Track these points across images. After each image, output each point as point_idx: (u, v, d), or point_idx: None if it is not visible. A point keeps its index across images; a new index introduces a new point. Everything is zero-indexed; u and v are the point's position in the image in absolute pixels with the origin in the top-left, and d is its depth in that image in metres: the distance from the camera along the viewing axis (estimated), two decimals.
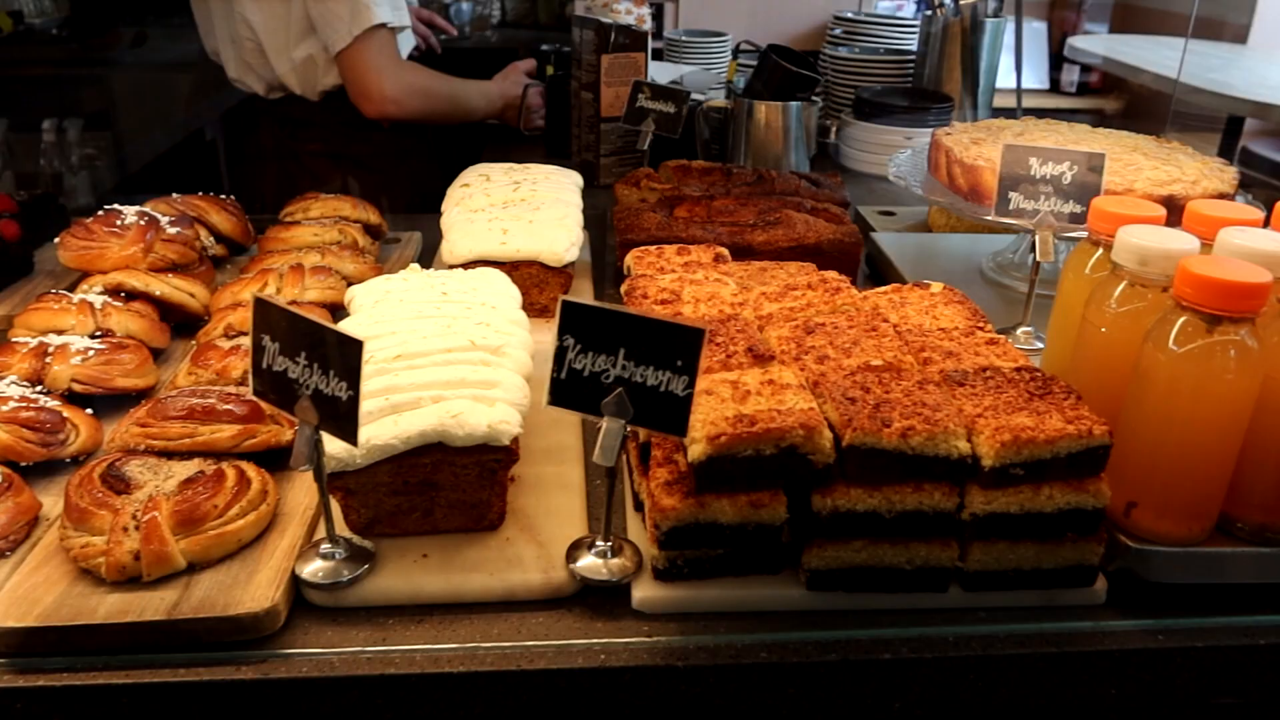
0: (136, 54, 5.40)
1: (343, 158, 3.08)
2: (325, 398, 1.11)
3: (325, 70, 2.86)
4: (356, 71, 2.73)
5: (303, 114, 3.00)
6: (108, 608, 1.15)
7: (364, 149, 3.06)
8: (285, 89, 2.95)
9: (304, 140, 3.06)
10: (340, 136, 3.02)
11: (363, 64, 2.71)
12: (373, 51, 2.70)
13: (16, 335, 1.60)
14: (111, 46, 5.37)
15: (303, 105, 2.97)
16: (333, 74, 2.85)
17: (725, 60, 3.74)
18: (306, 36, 2.80)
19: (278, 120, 3.08)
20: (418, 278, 1.57)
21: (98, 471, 1.27)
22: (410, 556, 1.26)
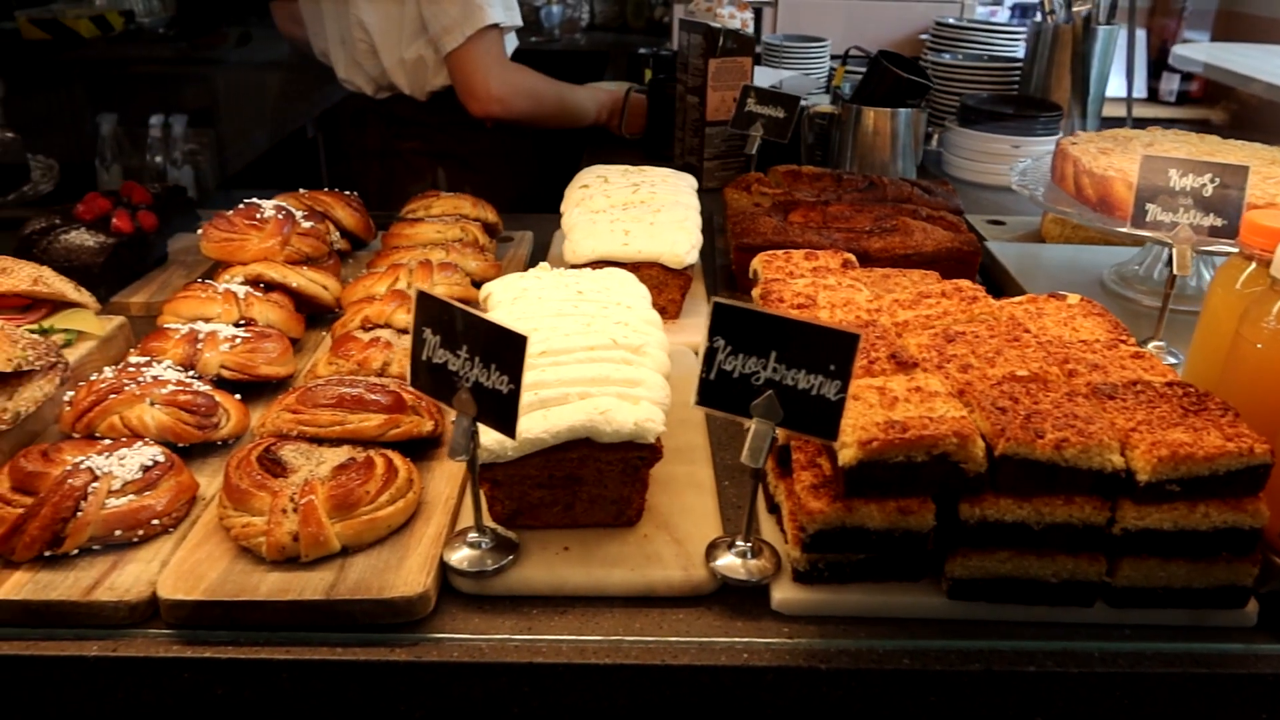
0: (241, 53, 5.57)
1: (445, 157, 3.14)
2: (485, 390, 1.14)
3: (435, 71, 2.93)
4: (465, 71, 2.78)
5: (409, 113, 3.07)
6: (269, 585, 1.20)
7: (466, 149, 3.12)
8: (394, 89, 3.02)
9: (408, 139, 3.13)
10: (444, 136, 3.09)
11: (471, 64, 2.76)
12: (482, 52, 2.75)
13: (166, 322, 1.67)
14: (218, 45, 5.55)
15: (409, 105, 3.04)
16: (442, 75, 2.92)
17: (824, 65, 3.73)
18: (418, 37, 2.86)
19: (383, 119, 3.15)
20: (550, 276, 1.60)
21: (255, 454, 1.33)
22: (552, 549, 1.28)
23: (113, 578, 1.22)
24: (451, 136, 3.07)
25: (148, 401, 1.42)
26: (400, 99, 3.03)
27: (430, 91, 2.98)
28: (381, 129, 3.19)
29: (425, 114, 3.04)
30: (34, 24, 5.42)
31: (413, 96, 3.00)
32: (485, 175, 3.12)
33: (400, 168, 3.19)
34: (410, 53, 2.89)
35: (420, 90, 2.98)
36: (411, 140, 3.12)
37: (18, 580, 1.21)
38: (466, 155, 3.12)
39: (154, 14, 6.09)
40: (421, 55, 2.89)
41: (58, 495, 1.24)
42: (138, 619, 1.19)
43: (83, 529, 1.23)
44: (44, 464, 1.29)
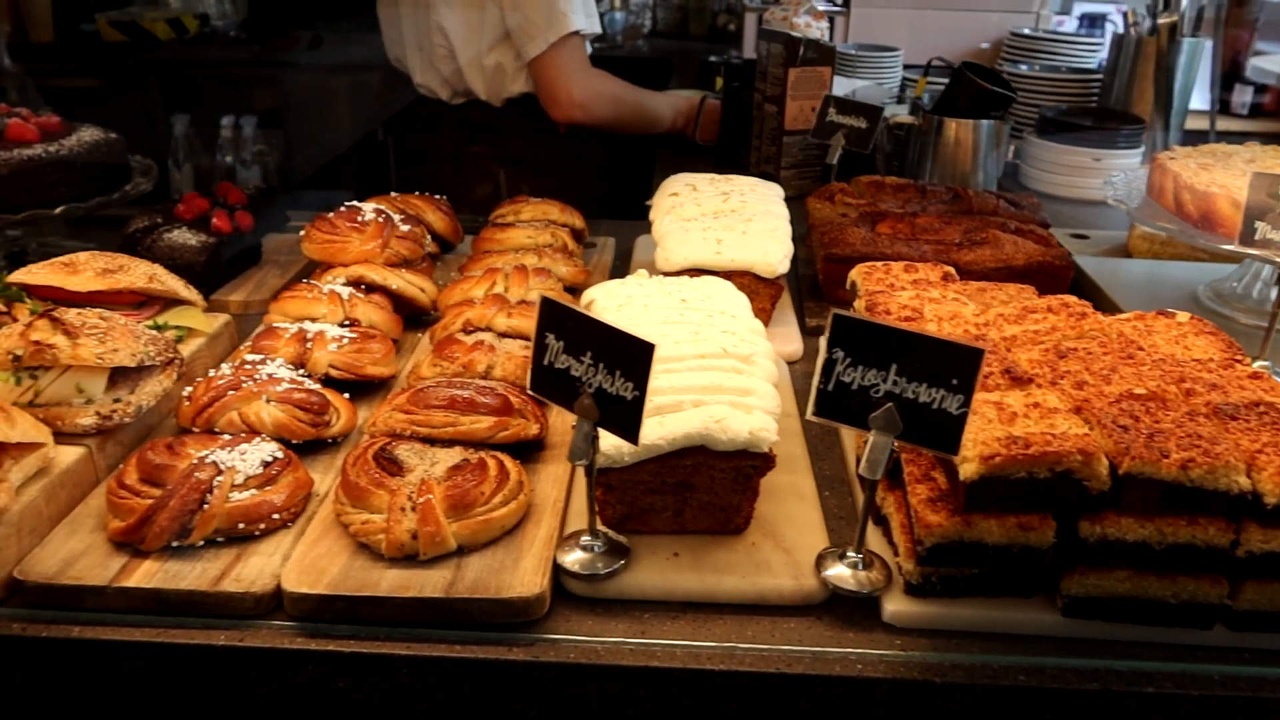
0: (312, 56, 5.68)
1: (516, 161, 3.16)
2: (608, 396, 1.16)
3: (513, 78, 2.96)
4: (549, 78, 2.81)
5: (482, 119, 3.10)
6: (389, 582, 1.22)
7: (538, 154, 3.14)
8: (469, 94, 3.06)
9: (481, 144, 3.16)
10: (517, 141, 3.12)
11: (555, 70, 2.79)
12: (565, 58, 2.78)
13: (273, 321, 1.71)
14: (290, 48, 5.65)
15: (484, 110, 3.07)
16: (519, 82, 2.95)
17: (896, 75, 3.71)
18: (499, 44, 2.90)
19: (457, 123, 3.19)
20: (651, 284, 1.61)
21: (371, 453, 1.36)
22: (662, 554, 1.30)
23: (237, 569, 1.25)
24: (524, 141, 3.11)
25: (264, 399, 1.45)
26: (475, 104, 3.07)
27: (506, 98, 3.01)
28: (454, 133, 3.23)
29: (499, 119, 3.07)
30: (113, 26, 5.57)
31: (488, 102, 3.04)
32: (555, 180, 3.14)
33: (471, 171, 3.22)
34: (490, 59, 2.93)
35: (496, 96, 3.01)
36: (488, 145, 3.15)
37: (148, 569, 1.25)
38: (539, 160, 3.15)
39: (226, 17, 6.23)
40: (500, 62, 2.93)
41: (185, 488, 1.27)
42: (262, 611, 1.23)
43: (209, 521, 1.27)
44: (170, 457, 1.33)
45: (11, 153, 2.10)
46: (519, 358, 1.60)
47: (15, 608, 1.24)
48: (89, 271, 1.66)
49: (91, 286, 1.65)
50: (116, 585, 1.22)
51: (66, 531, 1.32)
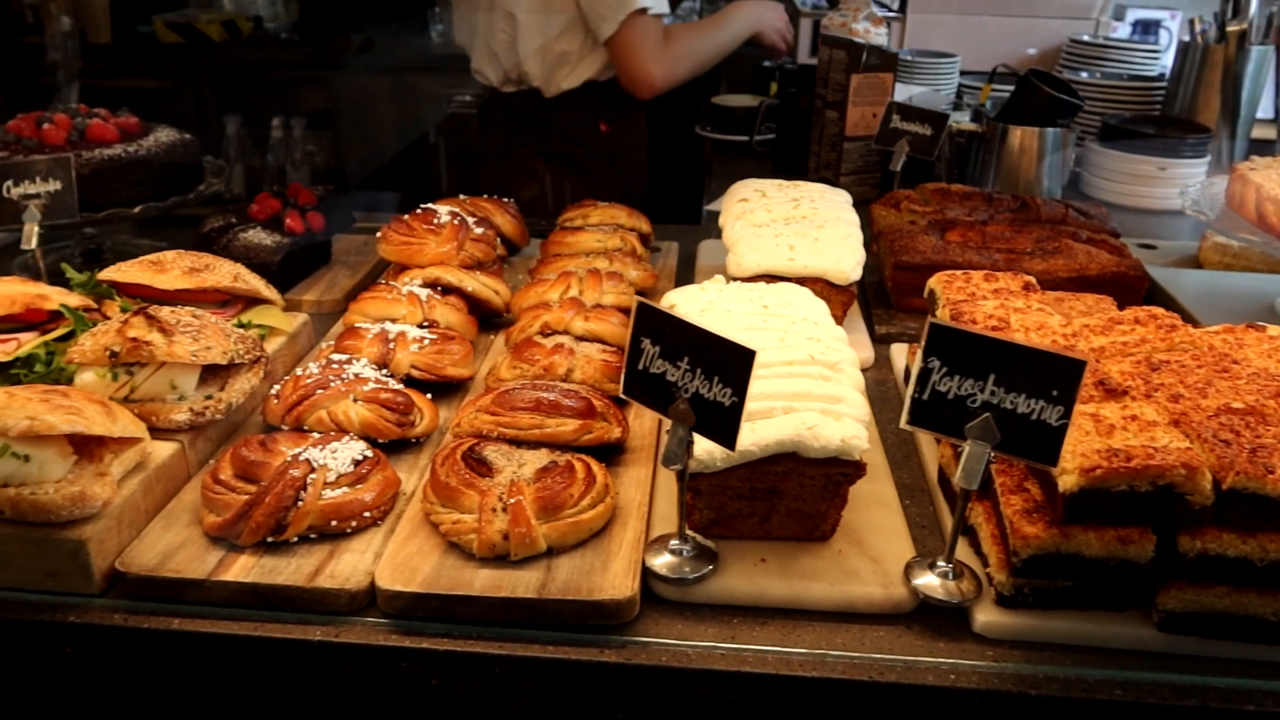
0: (363, 58, 5.74)
1: (558, 157, 3.19)
2: (705, 402, 1.16)
3: (573, 69, 3.00)
4: (624, 57, 2.87)
5: (530, 109, 3.12)
6: (481, 581, 1.24)
7: (578, 150, 3.17)
8: (522, 82, 3.07)
9: (526, 145, 3.18)
10: (560, 138, 3.15)
11: (629, 49, 2.85)
12: (638, 37, 2.84)
13: (354, 321, 1.74)
14: (342, 51, 5.72)
15: (533, 101, 3.10)
16: (574, 76, 3.00)
17: (953, 81, 3.69)
18: (567, 31, 2.95)
19: (505, 113, 3.20)
20: (730, 289, 1.62)
21: (459, 453, 1.37)
22: (749, 560, 1.30)
23: (331, 566, 1.27)
24: (567, 137, 3.14)
25: (351, 398, 1.47)
26: (525, 94, 3.09)
27: (559, 90, 3.03)
28: (501, 128, 3.24)
29: (545, 111, 3.10)
30: (169, 27, 5.66)
31: (540, 91, 3.05)
32: (595, 178, 3.19)
33: (518, 169, 3.25)
34: (558, 46, 2.97)
35: (551, 86, 3.03)
36: (527, 142, 3.18)
37: (244, 564, 1.27)
38: (577, 157, 3.18)
39: (278, 19, 6.32)
40: (566, 50, 2.96)
41: (280, 485, 1.30)
42: (356, 607, 1.24)
43: (303, 518, 1.29)
44: (264, 454, 1.36)
45: (93, 153, 2.15)
46: (598, 361, 1.61)
47: (115, 598, 1.27)
48: (176, 270, 1.69)
49: (178, 285, 1.68)
50: (215, 579, 1.24)
51: (163, 525, 1.35)
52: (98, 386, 1.44)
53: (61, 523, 1.24)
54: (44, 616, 1.25)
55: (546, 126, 3.12)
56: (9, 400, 1.25)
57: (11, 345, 1.57)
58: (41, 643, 1.26)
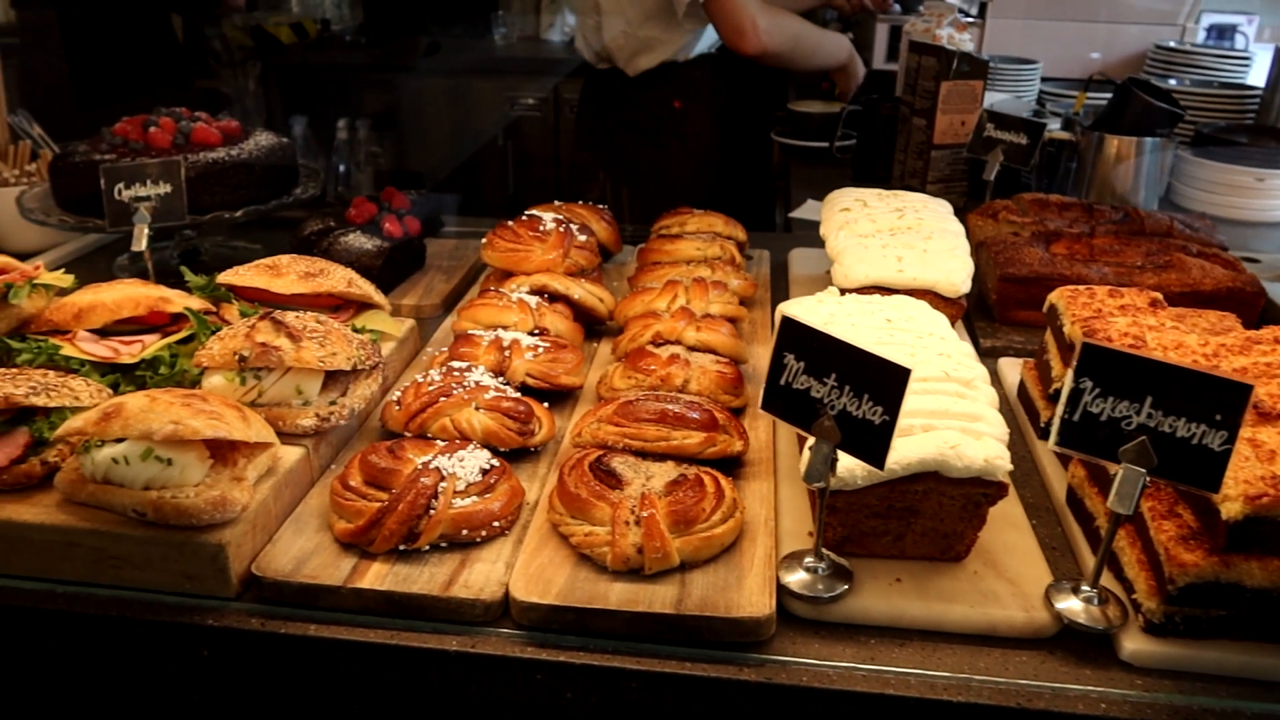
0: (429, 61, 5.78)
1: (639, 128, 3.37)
2: (852, 419, 1.15)
3: (653, 50, 3.18)
4: (725, 12, 2.91)
5: (617, 84, 3.34)
6: (617, 595, 1.23)
7: (655, 124, 3.35)
8: (609, 62, 3.30)
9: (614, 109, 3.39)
10: (641, 111, 3.34)
11: (727, 6, 2.89)
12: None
13: (464, 328, 1.74)
14: (409, 53, 5.77)
15: (619, 77, 3.31)
16: (653, 57, 3.18)
17: (1033, 87, 3.63)
18: (647, 20, 3.09)
19: (598, 86, 3.44)
20: (848, 302, 1.60)
21: (587, 464, 1.36)
22: (883, 579, 1.28)
23: (464, 576, 1.27)
24: (646, 112, 3.33)
25: (473, 406, 1.48)
26: (613, 71, 3.31)
27: (639, 70, 3.23)
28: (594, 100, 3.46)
29: (629, 87, 3.30)
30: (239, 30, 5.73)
31: (623, 70, 3.26)
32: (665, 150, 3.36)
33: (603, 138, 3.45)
34: (640, 31, 3.13)
35: (631, 66, 3.23)
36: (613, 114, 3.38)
37: (378, 571, 1.27)
38: (654, 130, 3.35)
39: (344, 22, 6.39)
40: (646, 36, 3.13)
41: (412, 493, 1.30)
42: (490, 618, 1.24)
43: (435, 527, 1.29)
44: (393, 461, 1.36)
45: (198, 156, 2.18)
46: (713, 372, 1.60)
47: (249, 602, 1.28)
48: (292, 275, 1.71)
49: (294, 289, 1.70)
50: (351, 586, 1.25)
51: (293, 530, 1.35)
52: (226, 390, 1.45)
53: (201, 526, 1.26)
54: (182, 619, 1.26)
55: (630, 100, 3.33)
56: (151, 404, 1.26)
57: (136, 347, 1.60)
58: (179, 644, 1.27)
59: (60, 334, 1.62)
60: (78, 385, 1.42)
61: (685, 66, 3.24)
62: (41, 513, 1.30)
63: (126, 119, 2.31)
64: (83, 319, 1.61)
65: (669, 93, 3.27)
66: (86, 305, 1.61)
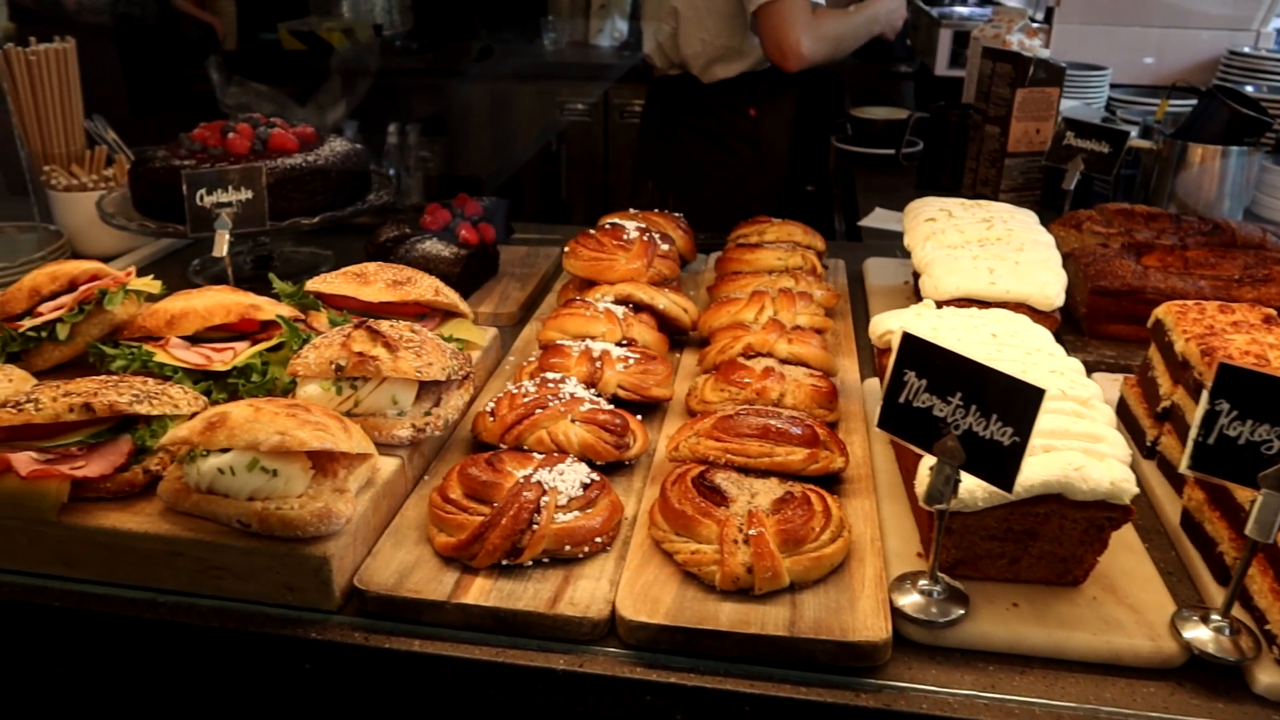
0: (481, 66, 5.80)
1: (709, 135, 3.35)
2: (978, 440, 1.11)
3: (729, 61, 3.14)
4: (772, 26, 2.92)
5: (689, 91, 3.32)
6: (727, 616, 1.20)
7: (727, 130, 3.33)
8: (683, 69, 3.27)
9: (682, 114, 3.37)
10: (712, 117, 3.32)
11: (778, 20, 2.91)
12: (785, 11, 2.89)
13: (551, 338, 1.72)
14: (461, 58, 5.78)
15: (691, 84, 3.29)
16: (731, 68, 3.15)
17: (1102, 94, 3.57)
18: (725, 29, 3.07)
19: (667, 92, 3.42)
20: (948, 315, 1.56)
21: (690, 478, 1.34)
22: (999, 603, 1.24)
23: (569, 593, 1.25)
24: (718, 118, 3.31)
25: (569, 418, 1.45)
26: (685, 78, 3.28)
27: (715, 79, 3.21)
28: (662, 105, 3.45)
29: (701, 94, 3.28)
30: (293, 35, 5.79)
31: (697, 78, 3.23)
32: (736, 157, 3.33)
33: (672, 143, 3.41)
34: (716, 40, 3.11)
35: (707, 74, 3.20)
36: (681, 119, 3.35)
37: (481, 586, 1.25)
38: (725, 136, 3.33)
39: (395, 27, 6.43)
40: (723, 45, 3.11)
41: (515, 507, 1.28)
42: (596, 636, 1.22)
43: (539, 542, 1.27)
44: (493, 474, 1.34)
45: (276, 162, 2.18)
46: (807, 386, 1.57)
47: (350, 615, 1.27)
48: (380, 283, 1.70)
49: (382, 298, 1.69)
50: (455, 601, 1.23)
51: (392, 542, 1.34)
52: (321, 400, 1.44)
53: (305, 539, 1.24)
54: (285, 631, 1.25)
55: (701, 107, 3.31)
56: (256, 414, 1.25)
57: (228, 355, 1.59)
58: (280, 657, 1.26)
59: (152, 340, 1.63)
60: (176, 393, 1.42)
61: (761, 74, 3.22)
62: (145, 521, 1.30)
63: (204, 125, 2.32)
64: (175, 326, 1.61)
65: (744, 100, 3.27)
66: (178, 312, 1.61)
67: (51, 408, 1.31)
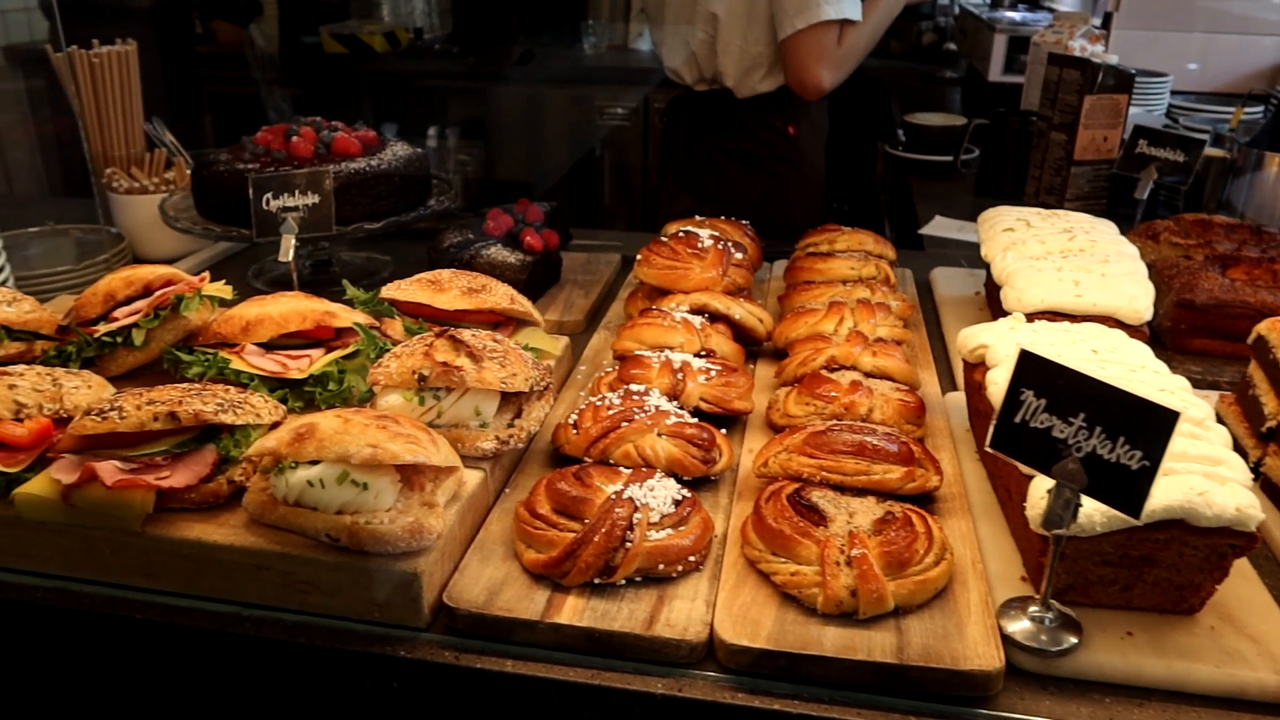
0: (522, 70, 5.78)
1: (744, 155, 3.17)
2: (1102, 463, 1.07)
3: (768, 70, 2.97)
4: (797, 59, 2.83)
5: (721, 108, 3.12)
6: (831, 641, 1.16)
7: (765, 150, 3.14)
8: (716, 81, 3.08)
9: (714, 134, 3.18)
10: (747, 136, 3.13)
11: (800, 54, 2.81)
12: (810, 43, 2.78)
13: (627, 348, 1.69)
14: (503, 61, 5.77)
15: (724, 100, 3.09)
16: (770, 80, 2.97)
17: (1162, 101, 3.50)
18: (765, 35, 2.92)
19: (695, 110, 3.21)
20: (1042, 330, 1.51)
21: (785, 496, 1.30)
22: (1112, 632, 1.19)
23: (664, 614, 1.21)
24: (754, 137, 3.13)
25: (655, 432, 1.42)
26: (717, 93, 3.09)
27: (752, 92, 3.02)
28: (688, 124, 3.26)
29: (735, 111, 3.09)
30: (334, 38, 5.80)
31: (732, 91, 3.04)
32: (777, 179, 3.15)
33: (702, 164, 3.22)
34: (753, 49, 2.95)
35: (743, 87, 3.02)
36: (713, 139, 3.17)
37: (574, 606, 1.22)
38: (764, 157, 3.15)
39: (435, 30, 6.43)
40: (760, 53, 2.94)
41: (608, 524, 1.24)
42: (694, 659, 1.18)
43: (632, 560, 1.24)
44: (583, 489, 1.31)
45: (340, 166, 2.16)
46: (895, 401, 1.53)
47: (438, 633, 1.24)
48: (455, 290, 1.67)
49: (458, 305, 1.66)
50: (549, 621, 1.20)
51: (479, 558, 1.31)
52: (404, 410, 1.41)
53: (396, 554, 1.22)
54: (372, 648, 1.22)
55: (735, 125, 3.13)
56: (345, 426, 1.23)
57: (304, 362, 1.57)
58: (367, 675, 1.23)
59: (226, 346, 1.61)
60: (258, 402, 1.40)
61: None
62: (230, 533, 1.27)
63: (266, 128, 2.30)
64: (250, 332, 1.59)
65: (782, 117, 3.10)
66: (254, 318, 1.59)
67: (136, 416, 1.29)
